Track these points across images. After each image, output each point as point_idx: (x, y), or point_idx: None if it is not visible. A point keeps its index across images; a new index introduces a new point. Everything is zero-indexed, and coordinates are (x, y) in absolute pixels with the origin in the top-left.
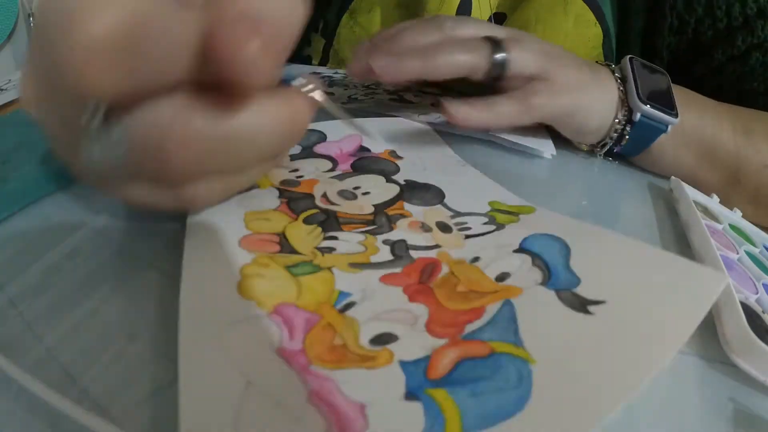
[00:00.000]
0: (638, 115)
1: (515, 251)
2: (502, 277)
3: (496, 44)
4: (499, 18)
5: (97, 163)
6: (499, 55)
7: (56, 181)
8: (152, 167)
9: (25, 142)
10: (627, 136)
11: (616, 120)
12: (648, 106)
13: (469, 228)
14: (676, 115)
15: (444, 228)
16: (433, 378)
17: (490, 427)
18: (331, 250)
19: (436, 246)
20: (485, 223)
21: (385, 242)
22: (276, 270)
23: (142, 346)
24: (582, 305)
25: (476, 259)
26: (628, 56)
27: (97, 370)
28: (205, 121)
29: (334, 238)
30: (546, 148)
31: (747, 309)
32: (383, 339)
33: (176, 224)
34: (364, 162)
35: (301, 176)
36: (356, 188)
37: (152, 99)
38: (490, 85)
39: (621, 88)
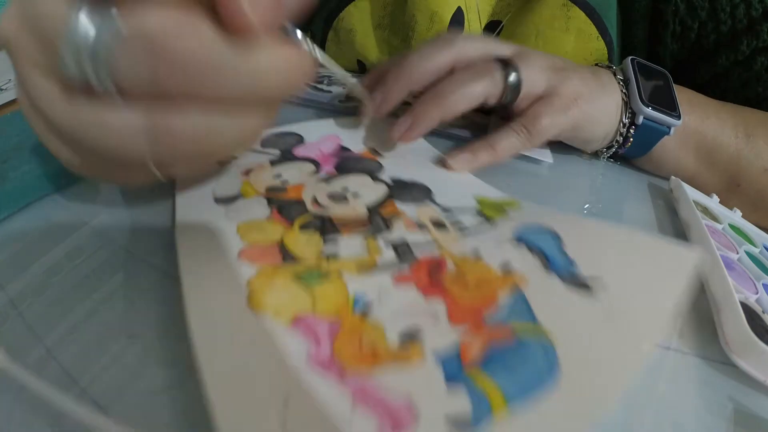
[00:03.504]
0: (641, 118)
1: (511, 242)
2: (505, 267)
3: (505, 65)
4: (493, 26)
5: (76, 67)
6: (512, 77)
7: (56, 181)
8: (141, 73)
9: (25, 142)
10: (631, 139)
11: (621, 123)
12: (650, 108)
13: (463, 225)
14: (678, 117)
15: (439, 225)
16: (468, 362)
17: (532, 398)
18: (335, 255)
19: (436, 244)
20: (477, 220)
21: (386, 242)
22: (285, 280)
23: (142, 346)
24: (582, 283)
25: (477, 253)
26: (630, 57)
27: (97, 370)
28: (211, 38)
29: (335, 242)
30: (544, 156)
31: (747, 309)
32: (410, 333)
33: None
34: (347, 162)
35: (286, 181)
36: (345, 189)
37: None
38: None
39: (624, 90)
